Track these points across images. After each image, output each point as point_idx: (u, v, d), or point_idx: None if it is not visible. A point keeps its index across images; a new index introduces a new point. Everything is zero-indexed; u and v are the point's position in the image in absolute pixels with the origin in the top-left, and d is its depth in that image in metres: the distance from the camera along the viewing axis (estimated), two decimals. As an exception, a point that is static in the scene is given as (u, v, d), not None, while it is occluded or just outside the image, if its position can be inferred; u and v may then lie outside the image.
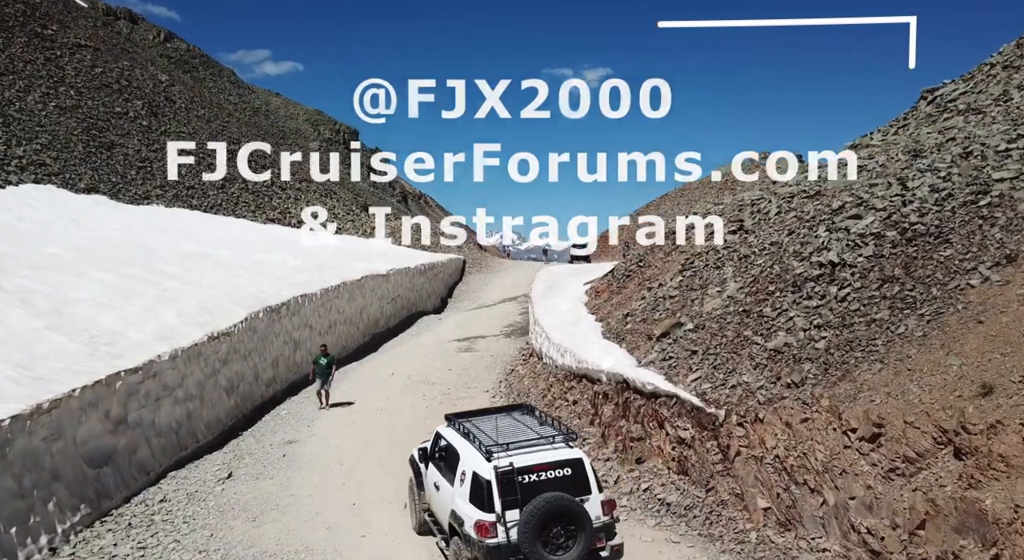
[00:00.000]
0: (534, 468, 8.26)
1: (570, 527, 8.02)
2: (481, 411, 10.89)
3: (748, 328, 12.59)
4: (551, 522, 7.95)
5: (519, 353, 24.35)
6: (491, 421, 9.84)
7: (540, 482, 8.18)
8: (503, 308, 36.07)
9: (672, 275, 17.22)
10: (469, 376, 21.51)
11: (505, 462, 8.27)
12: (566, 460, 8.44)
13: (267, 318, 19.49)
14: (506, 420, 10.02)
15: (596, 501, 8.40)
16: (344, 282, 26.00)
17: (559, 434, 9.04)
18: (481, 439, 8.91)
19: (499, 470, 8.20)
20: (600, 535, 8.28)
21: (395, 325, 31.58)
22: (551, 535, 7.97)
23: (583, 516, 8.04)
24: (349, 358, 25.11)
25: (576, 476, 8.38)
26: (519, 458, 8.35)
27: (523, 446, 8.64)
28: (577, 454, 8.65)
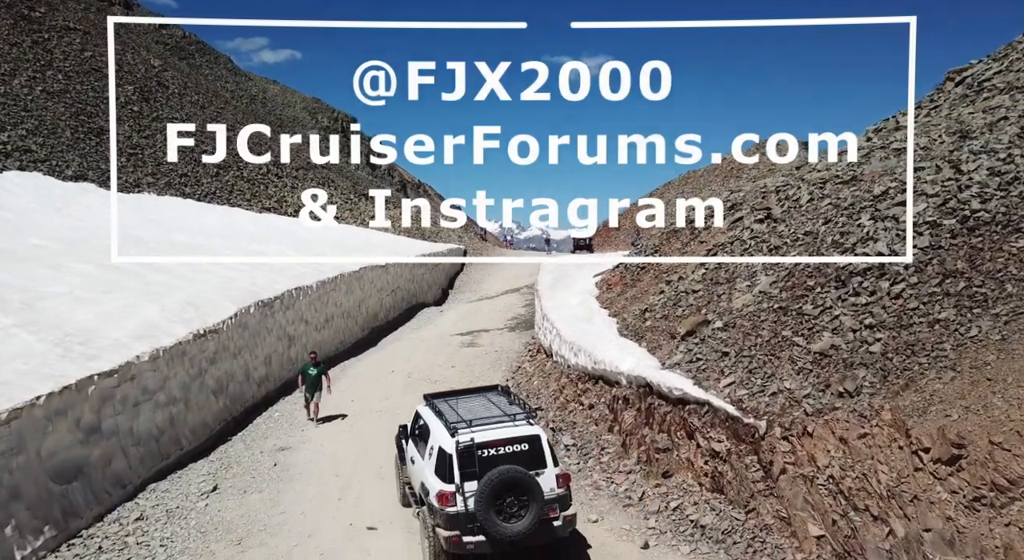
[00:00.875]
0: (493, 443, 8.83)
1: (523, 498, 8.58)
2: (458, 391, 11.37)
3: (787, 327, 11.33)
4: (504, 493, 8.53)
5: (525, 348, 23.11)
6: (465, 401, 10.52)
7: (498, 456, 8.77)
8: (506, 300, 34.80)
9: (693, 267, 15.93)
10: (473, 373, 20.26)
11: (466, 437, 8.84)
12: (524, 436, 8.98)
13: (259, 313, 18.21)
14: (479, 400, 10.58)
15: (551, 474, 8.94)
16: (341, 274, 24.72)
17: (522, 412, 9.57)
18: (449, 417, 9.52)
19: (460, 445, 8.77)
20: (554, 506, 8.86)
21: (395, 318, 30.32)
22: (504, 505, 8.56)
23: (534, 488, 8.58)
24: (347, 353, 23.87)
25: (533, 451, 8.93)
26: (480, 434, 8.92)
27: (486, 423, 9.20)
28: (535, 431, 9.17)
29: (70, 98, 37.02)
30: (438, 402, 10.48)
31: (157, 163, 37.27)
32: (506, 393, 10.92)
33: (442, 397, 10.89)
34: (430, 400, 10.72)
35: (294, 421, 16.27)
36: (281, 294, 19.77)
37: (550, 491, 8.84)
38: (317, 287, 22.40)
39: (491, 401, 10.47)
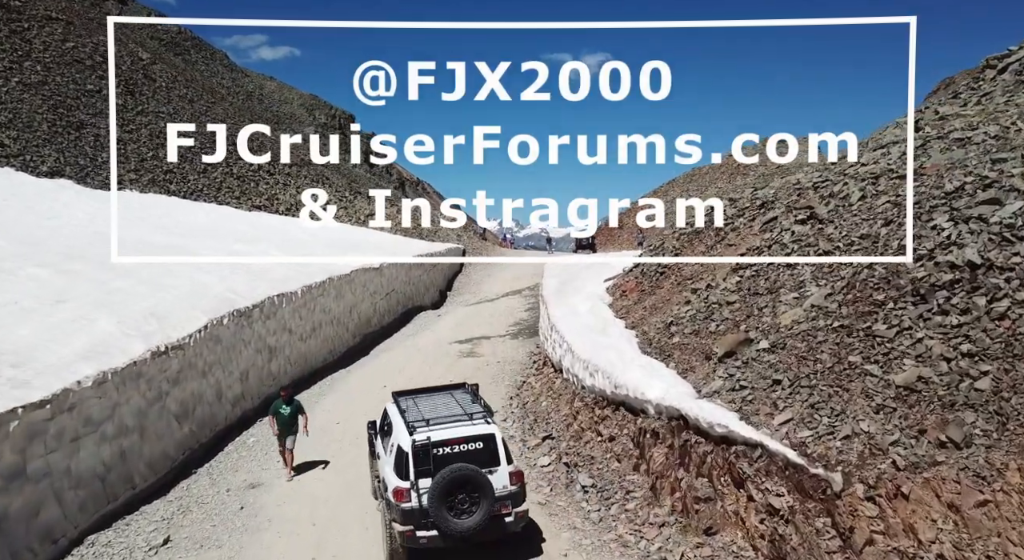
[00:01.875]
0: (449, 442, 9.11)
1: (474, 495, 8.85)
2: (425, 389, 11.62)
3: (854, 351, 9.29)
4: (456, 490, 8.82)
5: (529, 359, 21.07)
6: (430, 399, 10.77)
7: (453, 454, 9.05)
8: (507, 303, 32.75)
9: (724, 273, 13.88)
10: (474, 389, 18.22)
11: (423, 436, 9.13)
12: (478, 435, 9.26)
13: (234, 324, 16.14)
14: (444, 398, 10.78)
15: (504, 472, 9.25)
16: (331, 277, 22.64)
17: (480, 412, 9.85)
18: (410, 415, 9.81)
19: (416, 443, 9.05)
20: (506, 502, 9.18)
21: (389, 323, 28.27)
22: (456, 501, 8.84)
23: (485, 485, 8.88)
24: (336, 364, 21.80)
25: (487, 449, 9.21)
26: (437, 432, 9.20)
27: (444, 422, 9.47)
28: (490, 430, 9.44)
29: (48, 90, 34.87)
30: (403, 400, 10.77)
31: (140, 159, 35.14)
32: (471, 392, 11.08)
33: (409, 395, 11.13)
34: (397, 397, 10.94)
35: (270, 449, 14.19)
36: (261, 302, 17.71)
37: (503, 488, 9.17)
38: (303, 293, 20.32)
39: (455, 399, 10.68)
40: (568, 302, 19.13)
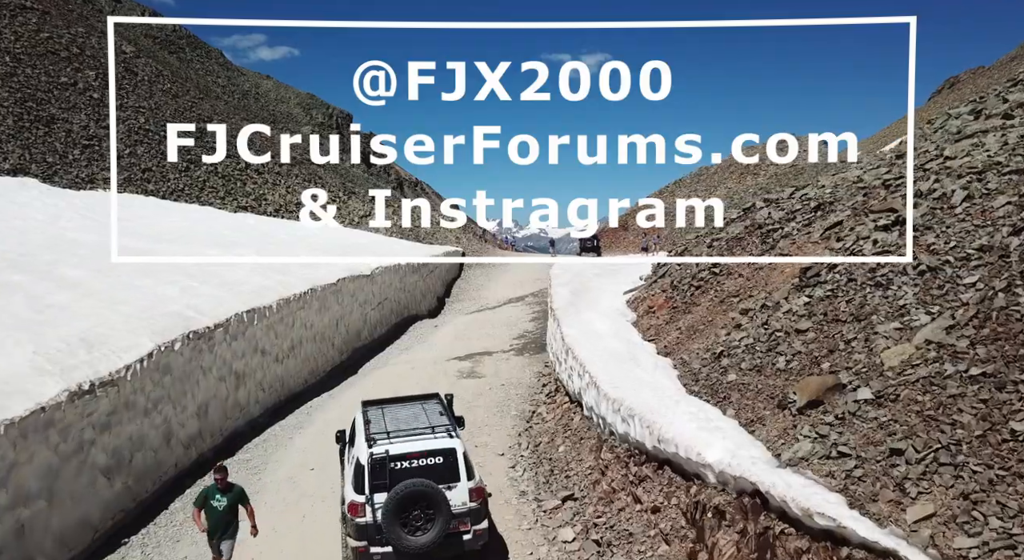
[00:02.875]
0: (408, 456, 8.72)
1: (429, 511, 8.42)
2: (397, 399, 11.18)
3: (1016, 414, 6.52)
4: (410, 505, 8.40)
5: (538, 381, 18.31)
6: (398, 409, 10.28)
7: (411, 469, 8.64)
8: (510, 312, 29.97)
9: (785, 291, 11.11)
10: (475, 421, 15.45)
11: (381, 449, 8.73)
12: (439, 449, 8.83)
13: (190, 348, 13.35)
14: (413, 409, 10.30)
15: (464, 488, 8.80)
16: (314, 288, 19.85)
17: (444, 425, 9.37)
18: (373, 427, 9.42)
19: (373, 456, 8.65)
20: (465, 520, 8.74)
21: (382, 335, 25.48)
22: (411, 517, 8.41)
23: (440, 502, 8.43)
24: (319, 387, 19.01)
25: (447, 464, 8.77)
26: (396, 446, 8.81)
27: (406, 435, 9.08)
28: (451, 444, 8.96)
29: (17, 82, 32.02)
30: (371, 410, 10.37)
31: (116, 156, 32.28)
32: (442, 403, 10.74)
33: (379, 404, 10.72)
34: (366, 407, 10.56)
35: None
36: (226, 320, 14.91)
37: (462, 505, 8.79)
38: (279, 307, 17.53)
39: (424, 410, 10.26)
40: (584, 318, 16.36)
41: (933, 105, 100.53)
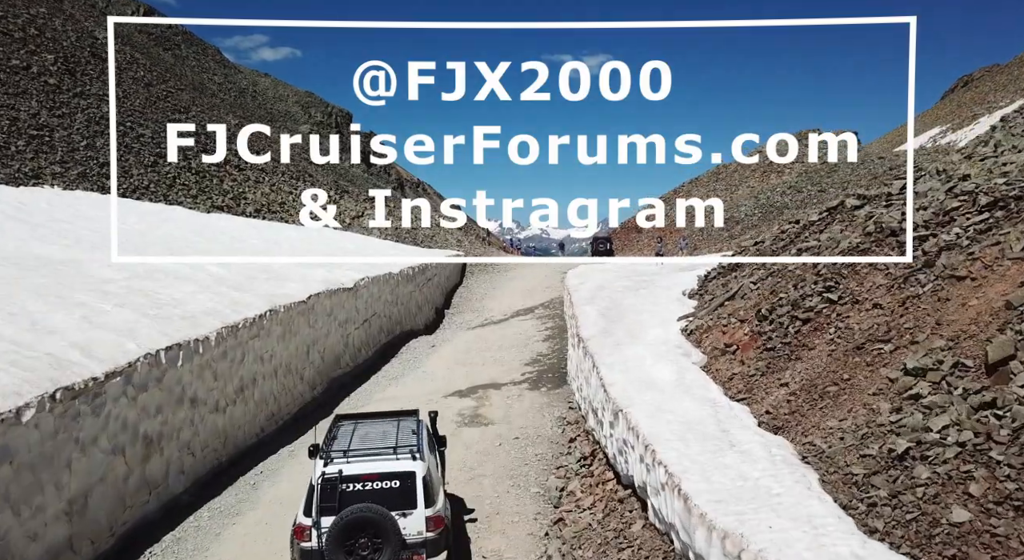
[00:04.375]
0: (362, 477, 7.87)
1: (376, 540, 7.59)
2: (373, 414, 10.23)
3: None
4: (356, 532, 7.59)
5: (562, 433, 13.78)
6: (370, 426, 9.19)
7: (363, 492, 7.82)
8: (519, 327, 25.37)
9: (1004, 349, 6.48)
10: (482, 498, 10.89)
11: (334, 470, 7.88)
12: (396, 472, 7.93)
13: (55, 415, 8.72)
14: (386, 426, 9.11)
15: (420, 516, 7.85)
16: (274, 309, 15.24)
17: (409, 446, 8.25)
18: (337, 444, 8.43)
19: (324, 477, 7.84)
20: (419, 551, 7.82)
21: (368, 359, 20.90)
22: (356, 546, 7.60)
23: (388, 530, 7.57)
24: (279, 437, 14.43)
25: (403, 489, 7.89)
26: (352, 466, 7.93)
27: (365, 454, 8.11)
28: (411, 467, 8.00)
29: (-45, 64, 27.42)
30: (344, 425, 9.24)
31: (70, 148, 27.70)
32: (419, 421, 9.34)
33: (353, 419, 9.52)
34: (338, 422, 9.43)
35: None
36: (129, 364, 10.30)
37: (417, 534, 7.77)
38: (222, 337, 12.92)
39: (398, 428, 8.92)
40: (628, 355, 11.73)
41: (946, 104, 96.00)
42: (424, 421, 9.60)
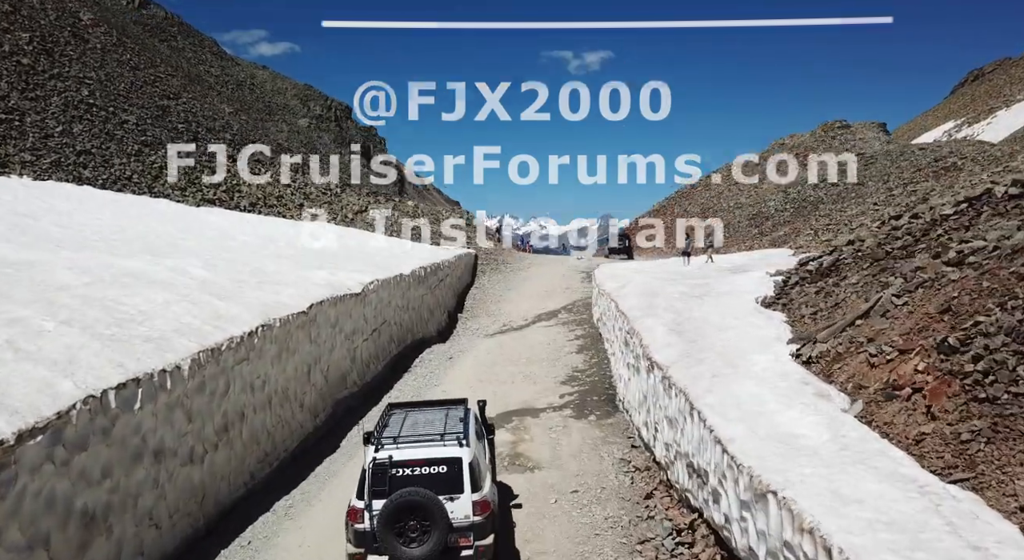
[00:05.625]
0: (410, 462, 8.00)
1: (425, 522, 7.69)
2: (421, 402, 10.44)
3: None
4: (404, 515, 7.69)
5: (630, 480, 10.72)
6: (420, 414, 9.31)
7: (412, 477, 7.93)
8: (544, 335, 22.25)
9: None
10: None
11: (384, 455, 8.01)
12: (444, 458, 8.03)
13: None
14: (436, 414, 9.20)
15: (467, 501, 7.93)
16: (267, 323, 12.12)
17: (456, 433, 8.32)
18: (388, 431, 8.55)
19: (375, 462, 7.97)
20: (467, 534, 7.88)
21: (378, 375, 17.81)
22: (406, 527, 7.70)
23: (435, 513, 7.66)
24: (269, 492, 11.29)
25: (450, 474, 7.97)
26: (401, 452, 8.06)
27: (414, 441, 8.25)
28: (458, 453, 8.07)
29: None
30: (395, 414, 9.34)
31: (44, 135, 24.50)
32: (467, 410, 9.44)
33: (404, 408, 9.72)
34: (390, 410, 9.53)
35: None
36: (57, 416, 7.19)
37: (464, 518, 7.86)
38: (196, 367, 9.80)
39: (447, 417, 8.99)
40: (737, 392, 8.68)
41: (958, 98, 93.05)
42: (472, 410, 9.66)
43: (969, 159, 30.47)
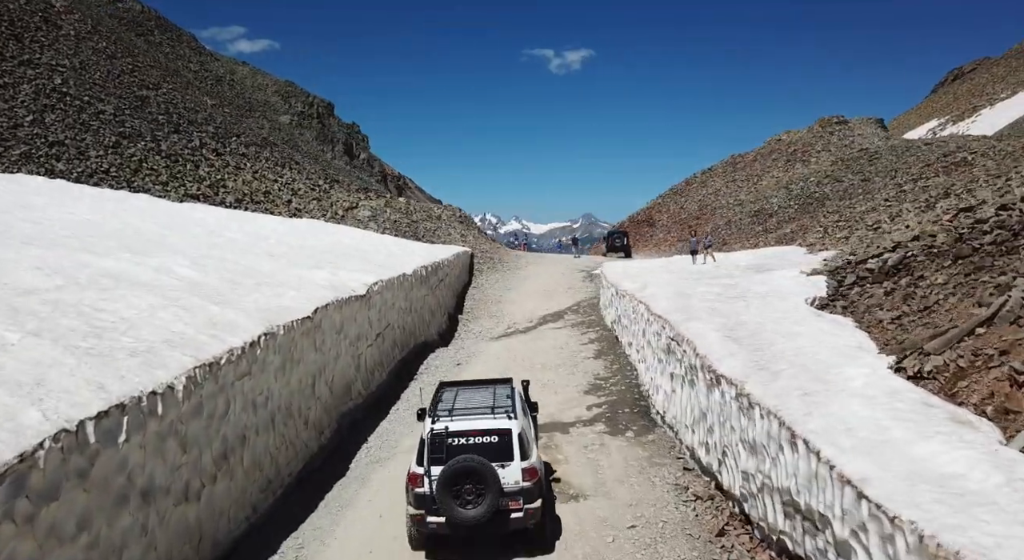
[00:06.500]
0: (465, 433, 8.50)
1: (480, 486, 8.19)
2: (470, 381, 10.90)
3: None
4: (461, 480, 8.19)
5: (693, 512, 9.28)
6: (471, 392, 9.86)
7: (467, 445, 8.42)
8: (554, 338, 20.74)
9: None
10: None
11: (441, 426, 8.54)
12: (495, 429, 8.55)
13: None
14: (485, 392, 9.80)
15: (516, 468, 8.44)
16: (271, 331, 10.47)
17: (506, 407, 8.90)
18: (441, 405, 9.12)
19: (433, 432, 8.50)
20: (516, 498, 8.39)
21: (383, 383, 16.20)
22: (463, 491, 8.21)
23: (489, 478, 8.16)
24: (278, 517, 9.64)
25: (501, 444, 8.49)
26: (456, 423, 8.58)
27: (467, 413, 8.78)
28: (508, 425, 8.61)
29: None
30: (448, 391, 9.96)
31: (12, 124, 22.55)
32: (513, 389, 9.87)
33: (455, 386, 10.33)
34: (442, 388, 10.15)
35: None
36: (18, 460, 5.52)
37: (514, 483, 8.40)
38: (192, 385, 8.15)
39: (494, 393, 9.63)
40: (845, 416, 7.36)
41: (940, 97, 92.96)
42: (517, 388, 10.02)
43: (979, 154, 29.44)
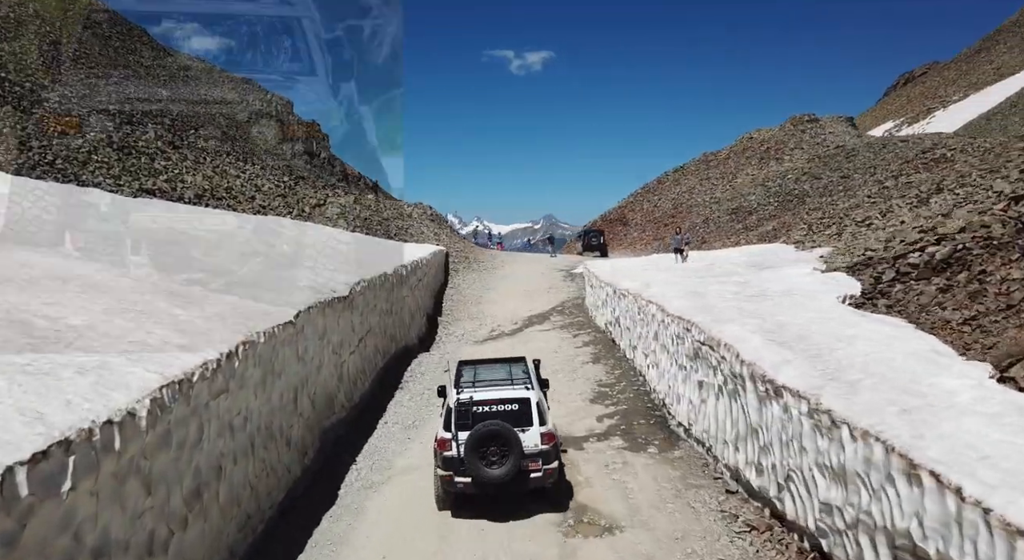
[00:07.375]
0: (488, 401, 9.27)
1: (504, 448, 8.88)
2: (488, 359, 11.72)
3: None
4: (487, 443, 8.89)
5: (751, 547, 7.84)
6: (490, 368, 10.76)
7: (490, 413, 9.19)
8: (544, 342, 19.30)
9: None
10: None
11: (466, 395, 9.32)
12: (516, 398, 9.33)
13: None
14: (502, 367, 10.65)
15: (535, 432, 9.13)
16: (250, 340, 8.79)
17: (523, 378, 9.88)
18: (464, 378, 10.08)
19: (459, 400, 9.24)
20: (536, 459, 9.06)
21: (366, 393, 14.59)
22: (488, 453, 8.89)
23: (511, 440, 8.86)
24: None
25: (521, 411, 9.23)
26: (480, 393, 9.39)
27: (489, 384, 9.70)
28: (527, 394, 9.38)
29: None
30: (467, 367, 10.79)
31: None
32: (527, 365, 10.83)
33: (473, 364, 11.18)
34: (462, 365, 10.98)
35: None
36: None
37: (533, 446, 9.04)
38: (158, 409, 6.46)
39: (510, 368, 10.55)
40: (964, 437, 5.91)
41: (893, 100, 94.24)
42: (530, 365, 10.76)
43: (959, 151, 28.99)
